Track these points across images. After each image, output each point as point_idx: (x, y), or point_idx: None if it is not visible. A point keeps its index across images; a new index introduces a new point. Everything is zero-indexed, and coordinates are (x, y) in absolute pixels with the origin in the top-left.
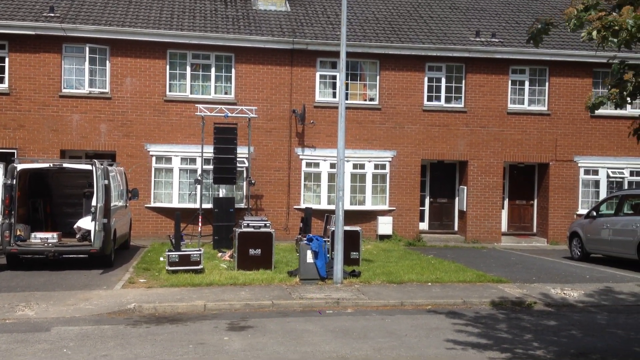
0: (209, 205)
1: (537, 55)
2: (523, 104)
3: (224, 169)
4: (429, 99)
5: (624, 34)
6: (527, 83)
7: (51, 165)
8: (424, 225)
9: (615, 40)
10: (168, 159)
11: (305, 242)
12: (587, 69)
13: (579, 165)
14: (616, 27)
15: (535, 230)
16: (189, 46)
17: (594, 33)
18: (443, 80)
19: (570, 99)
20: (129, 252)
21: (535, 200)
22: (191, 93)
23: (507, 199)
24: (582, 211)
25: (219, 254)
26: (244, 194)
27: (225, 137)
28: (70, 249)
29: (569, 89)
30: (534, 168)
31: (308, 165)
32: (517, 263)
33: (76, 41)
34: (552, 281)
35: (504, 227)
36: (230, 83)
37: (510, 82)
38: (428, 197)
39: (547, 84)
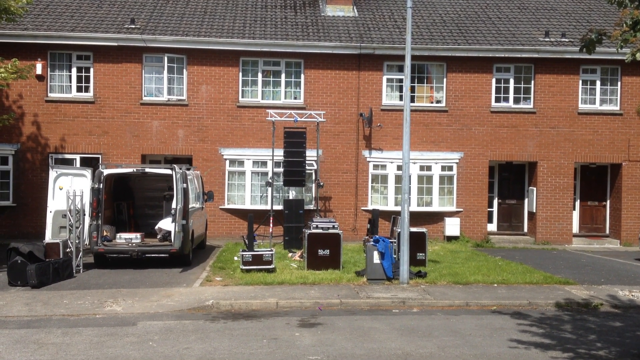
0: (280, 207)
1: (608, 55)
2: (594, 104)
3: (294, 172)
4: (497, 100)
5: None
6: (598, 83)
7: (134, 170)
8: (492, 227)
9: None
10: (241, 163)
11: (372, 243)
12: None
13: None
14: None
15: (607, 231)
16: (260, 54)
17: (638, 55)
18: (511, 81)
19: None
20: (205, 251)
21: (608, 201)
22: (262, 99)
23: (578, 200)
24: None
25: (290, 254)
26: (313, 195)
27: (294, 141)
28: (152, 249)
29: None
30: (606, 169)
31: (375, 167)
32: (587, 265)
33: (155, 51)
34: (620, 283)
35: (575, 228)
36: (300, 88)
37: (580, 82)
38: (496, 198)
39: (619, 83)
